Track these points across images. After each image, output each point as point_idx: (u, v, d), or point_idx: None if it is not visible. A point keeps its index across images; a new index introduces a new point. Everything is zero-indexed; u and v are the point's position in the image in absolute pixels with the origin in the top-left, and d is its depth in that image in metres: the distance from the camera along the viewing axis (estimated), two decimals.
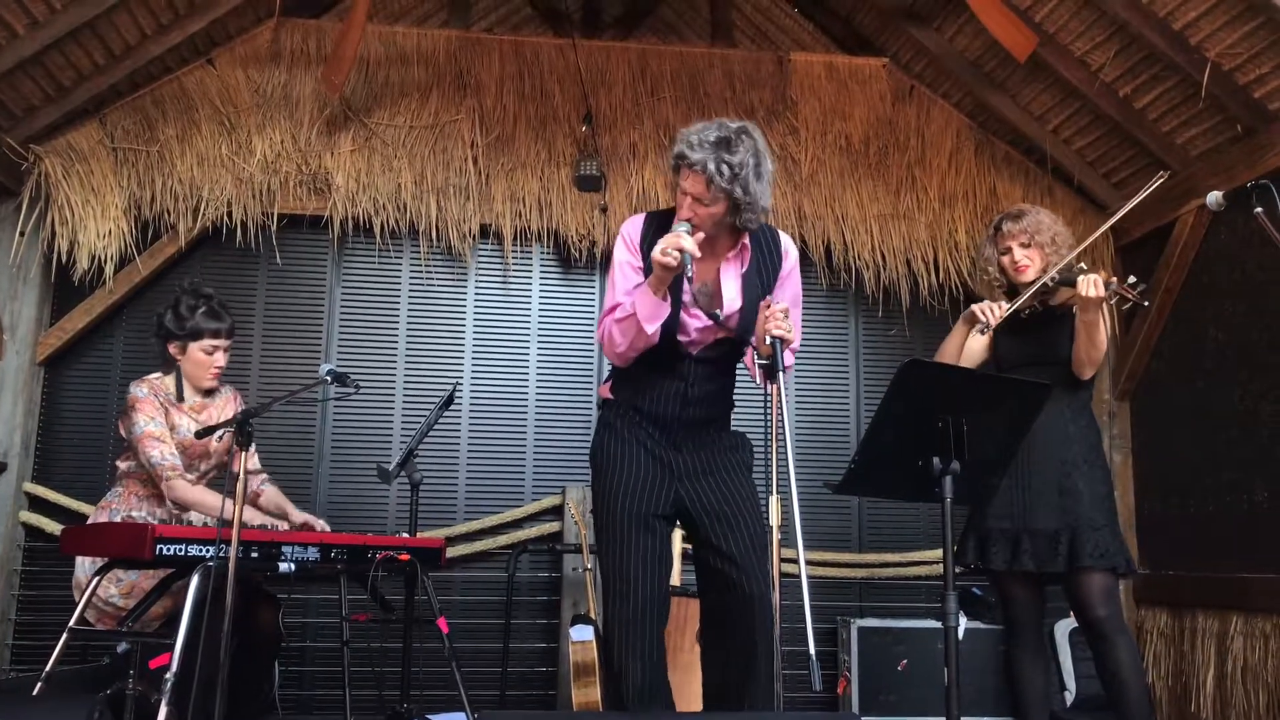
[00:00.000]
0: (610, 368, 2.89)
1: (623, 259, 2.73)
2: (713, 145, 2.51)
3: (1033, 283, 3.15)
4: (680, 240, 2.46)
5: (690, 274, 2.47)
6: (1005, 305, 3.12)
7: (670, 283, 2.56)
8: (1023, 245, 3.23)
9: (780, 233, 2.83)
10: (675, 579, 3.85)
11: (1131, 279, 2.99)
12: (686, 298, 2.62)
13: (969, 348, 3.33)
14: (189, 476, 3.23)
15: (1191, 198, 4.41)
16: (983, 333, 3.14)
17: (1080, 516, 3.02)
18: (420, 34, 5.06)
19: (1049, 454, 3.09)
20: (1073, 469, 3.09)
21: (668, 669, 2.70)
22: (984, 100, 5.03)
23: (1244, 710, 4.07)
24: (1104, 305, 3.02)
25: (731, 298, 2.69)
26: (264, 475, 3.59)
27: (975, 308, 3.17)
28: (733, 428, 2.88)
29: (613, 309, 2.65)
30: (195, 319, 3.31)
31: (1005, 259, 3.27)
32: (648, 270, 2.60)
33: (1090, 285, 2.97)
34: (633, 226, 2.76)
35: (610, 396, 2.82)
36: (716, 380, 2.77)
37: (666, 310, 2.58)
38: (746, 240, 2.71)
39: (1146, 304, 3.04)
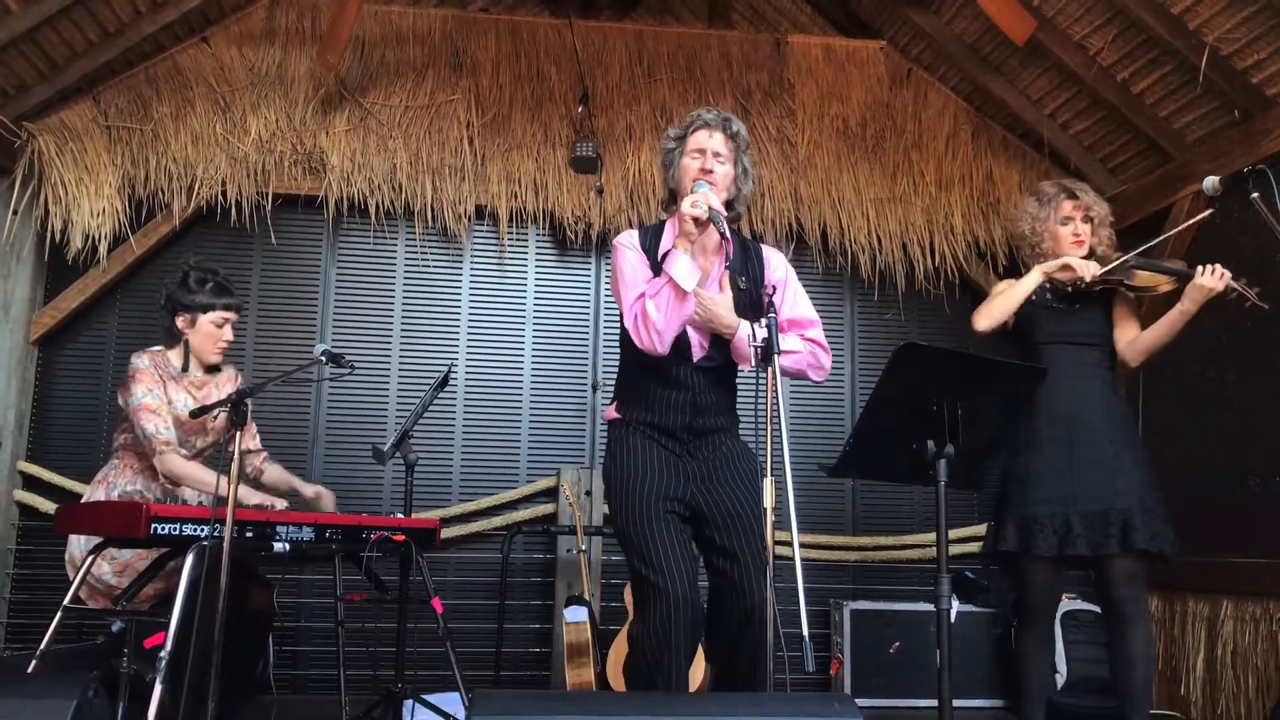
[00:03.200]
0: (613, 392, 2.92)
1: (631, 260, 2.73)
2: (718, 113, 2.78)
3: (1108, 261, 3.16)
4: (708, 196, 2.56)
5: (724, 231, 2.51)
6: (1099, 267, 3.12)
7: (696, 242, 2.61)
8: (1085, 220, 3.23)
9: (766, 247, 2.90)
10: None
11: (1244, 279, 2.95)
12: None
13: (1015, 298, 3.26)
14: (182, 451, 3.23)
15: (1188, 183, 4.41)
16: (1071, 288, 3.14)
17: (1133, 498, 2.99)
18: (416, 13, 5.04)
19: (1095, 433, 3.05)
20: (1122, 448, 3.05)
21: None
22: (981, 84, 5.01)
23: (1233, 694, 4.10)
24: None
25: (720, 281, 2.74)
26: (264, 454, 3.59)
27: (1071, 260, 3.15)
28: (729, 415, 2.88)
29: (640, 296, 2.63)
30: (204, 292, 3.35)
31: (1065, 229, 3.24)
32: (655, 271, 2.66)
33: (1215, 276, 2.94)
34: (627, 237, 2.81)
35: (618, 416, 2.83)
36: (720, 389, 2.80)
37: (699, 273, 2.60)
38: (727, 233, 2.71)
39: (1267, 307, 2.94)
